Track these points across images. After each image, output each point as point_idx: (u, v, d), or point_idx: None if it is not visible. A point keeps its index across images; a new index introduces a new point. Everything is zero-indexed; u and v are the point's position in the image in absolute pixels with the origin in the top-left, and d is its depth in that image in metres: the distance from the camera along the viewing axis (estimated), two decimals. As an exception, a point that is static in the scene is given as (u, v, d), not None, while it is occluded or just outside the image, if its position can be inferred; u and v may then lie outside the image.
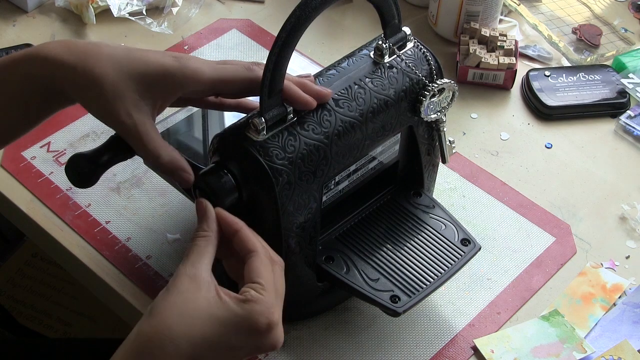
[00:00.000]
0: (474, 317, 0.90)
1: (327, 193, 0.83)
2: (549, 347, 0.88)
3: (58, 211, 0.97)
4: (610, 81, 1.15)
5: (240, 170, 0.77)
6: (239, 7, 1.24)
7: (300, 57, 1.02)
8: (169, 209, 0.97)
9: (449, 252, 0.86)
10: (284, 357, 0.86)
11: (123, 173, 1.00)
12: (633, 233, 1.00)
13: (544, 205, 1.01)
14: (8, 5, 1.21)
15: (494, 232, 0.98)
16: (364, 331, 0.89)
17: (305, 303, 0.88)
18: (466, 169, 1.05)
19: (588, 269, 0.95)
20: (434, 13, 1.20)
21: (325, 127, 0.78)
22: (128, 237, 0.95)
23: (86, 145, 1.03)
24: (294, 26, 0.73)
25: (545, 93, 1.12)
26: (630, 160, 1.08)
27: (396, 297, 0.82)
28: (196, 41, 1.17)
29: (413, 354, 0.87)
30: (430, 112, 0.86)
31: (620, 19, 1.25)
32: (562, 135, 1.10)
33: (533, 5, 1.26)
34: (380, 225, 0.88)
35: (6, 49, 1.11)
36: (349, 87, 0.81)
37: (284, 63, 0.74)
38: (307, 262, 0.83)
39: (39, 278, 1.39)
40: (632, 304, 0.92)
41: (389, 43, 0.83)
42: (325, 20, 1.22)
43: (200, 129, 0.96)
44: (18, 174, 1.00)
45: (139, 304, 0.89)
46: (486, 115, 1.12)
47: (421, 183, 0.91)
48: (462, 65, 1.14)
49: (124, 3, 1.18)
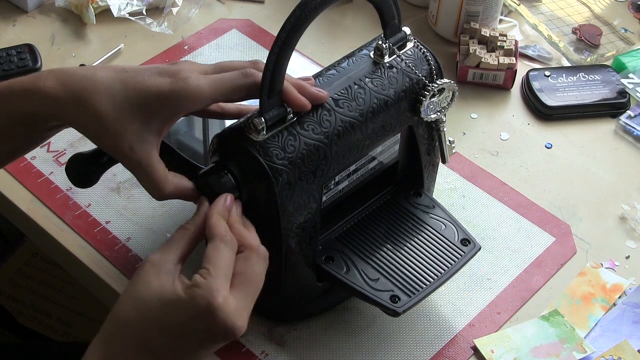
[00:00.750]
0: (474, 317, 0.90)
1: (327, 193, 0.83)
2: (549, 347, 0.88)
3: (58, 211, 0.97)
4: (610, 81, 1.15)
5: (240, 170, 0.77)
6: (239, 7, 1.24)
7: (300, 57, 1.02)
8: (169, 209, 0.97)
9: (449, 252, 0.86)
10: (284, 357, 0.86)
11: (123, 173, 1.00)
12: (633, 233, 1.00)
13: (544, 205, 1.01)
14: (8, 5, 1.21)
15: (494, 232, 0.98)
16: (364, 331, 0.89)
17: (305, 303, 0.88)
18: (466, 169, 1.05)
19: (588, 269, 0.95)
20: (434, 13, 1.20)
21: (325, 127, 0.78)
22: (128, 237, 0.95)
23: (86, 145, 1.02)
24: (293, 26, 0.73)
25: (545, 93, 1.12)
26: (630, 160, 1.08)
27: (396, 297, 0.82)
28: (196, 41, 1.17)
29: (413, 354, 0.87)
30: (430, 112, 0.86)
31: (620, 19, 1.25)
32: (562, 135, 1.10)
33: (533, 5, 1.26)
34: (380, 225, 0.88)
35: (6, 49, 1.12)
36: (349, 87, 0.81)
37: (284, 63, 0.74)
38: (307, 262, 0.83)
39: (39, 278, 1.39)
40: (632, 304, 0.92)
41: (389, 43, 0.83)
42: (325, 20, 1.22)
43: (201, 129, 0.96)
44: (18, 174, 1.00)
45: (139, 304, 0.89)
46: (486, 115, 1.12)
47: (421, 183, 0.91)
48: (462, 65, 1.14)
49: (124, 3, 1.18)
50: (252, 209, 0.79)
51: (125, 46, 1.16)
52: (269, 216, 0.78)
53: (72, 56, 1.15)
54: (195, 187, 0.78)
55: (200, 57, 1.14)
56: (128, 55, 1.15)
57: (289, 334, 0.88)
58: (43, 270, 1.40)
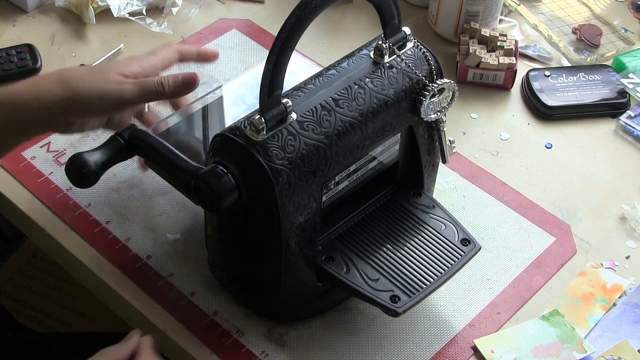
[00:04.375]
0: (474, 317, 0.90)
1: (327, 193, 0.83)
2: (549, 347, 0.88)
3: (58, 211, 0.97)
4: (610, 81, 1.15)
5: (240, 170, 0.77)
6: (239, 7, 1.24)
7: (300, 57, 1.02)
8: (169, 209, 0.97)
9: (449, 252, 0.86)
10: (284, 357, 0.86)
11: (123, 173, 1.00)
12: (633, 233, 1.00)
13: (544, 205, 1.01)
14: (8, 5, 1.21)
15: (494, 232, 0.98)
16: (364, 331, 0.89)
17: (305, 303, 0.88)
18: (466, 169, 1.05)
19: (588, 269, 0.95)
20: (434, 13, 1.20)
21: (325, 127, 0.78)
22: (128, 237, 0.95)
23: (86, 145, 1.03)
24: (293, 26, 0.73)
25: (545, 93, 1.12)
26: (630, 160, 1.08)
27: (396, 297, 0.82)
28: (196, 41, 1.17)
29: (413, 354, 0.87)
30: (430, 112, 0.86)
31: (620, 19, 1.25)
32: (562, 135, 1.10)
33: (533, 5, 1.26)
34: (380, 225, 0.88)
35: (6, 49, 1.12)
36: (349, 87, 0.81)
37: (284, 63, 0.74)
38: (307, 262, 0.83)
39: (39, 278, 1.39)
40: (632, 304, 0.92)
41: (389, 43, 0.83)
42: (325, 20, 1.22)
43: (201, 129, 0.96)
44: (18, 174, 1.00)
45: (139, 304, 0.89)
46: (486, 115, 1.12)
47: (421, 183, 0.91)
48: (462, 65, 1.14)
49: (124, 3, 1.18)
50: (252, 209, 0.79)
51: (125, 46, 1.16)
52: (269, 216, 0.78)
53: (72, 56, 1.14)
54: (196, 187, 0.78)
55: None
56: (128, 55, 1.15)
57: (289, 334, 0.88)
58: (43, 270, 1.40)
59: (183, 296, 0.90)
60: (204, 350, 0.86)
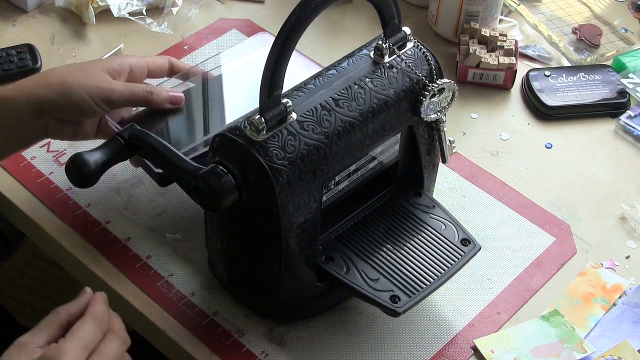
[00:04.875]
0: (474, 317, 0.90)
1: (327, 193, 0.83)
2: (549, 347, 0.88)
3: (58, 211, 0.97)
4: (610, 81, 1.15)
5: (240, 170, 0.77)
6: (239, 7, 1.24)
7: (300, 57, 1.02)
8: (169, 209, 0.97)
9: (449, 252, 0.86)
10: (284, 357, 0.86)
11: (123, 173, 1.00)
12: (633, 233, 1.00)
13: (544, 205, 1.01)
14: (8, 5, 1.21)
15: (494, 232, 0.98)
16: (364, 331, 0.89)
17: (305, 303, 0.88)
18: (466, 169, 1.05)
19: (588, 269, 0.95)
20: (434, 13, 1.20)
21: (325, 127, 0.78)
22: (128, 237, 0.95)
23: (86, 145, 1.02)
24: (293, 26, 0.73)
25: (545, 93, 1.12)
26: (630, 160, 1.08)
27: (396, 297, 0.82)
28: (196, 41, 1.17)
29: (413, 354, 0.87)
30: (430, 112, 0.86)
31: (620, 19, 1.25)
32: (562, 135, 1.10)
33: (533, 5, 1.26)
34: (380, 225, 0.88)
35: (6, 49, 1.12)
36: (349, 87, 0.81)
37: (284, 63, 0.74)
38: (307, 262, 0.83)
39: (39, 278, 1.39)
40: (632, 304, 0.92)
41: (389, 43, 0.83)
42: (325, 20, 1.22)
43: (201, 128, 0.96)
44: (18, 174, 1.00)
45: (139, 303, 0.89)
46: (486, 115, 1.12)
47: (421, 183, 0.91)
48: (462, 65, 1.14)
49: (124, 3, 1.18)
50: (252, 208, 0.79)
51: (125, 46, 1.16)
52: (269, 216, 0.78)
53: (72, 56, 1.15)
54: (196, 187, 0.78)
55: (200, 57, 1.14)
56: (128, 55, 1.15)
57: (289, 334, 0.88)
58: (43, 270, 1.39)
59: (183, 296, 0.90)
60: (204, 350, 0.86)
